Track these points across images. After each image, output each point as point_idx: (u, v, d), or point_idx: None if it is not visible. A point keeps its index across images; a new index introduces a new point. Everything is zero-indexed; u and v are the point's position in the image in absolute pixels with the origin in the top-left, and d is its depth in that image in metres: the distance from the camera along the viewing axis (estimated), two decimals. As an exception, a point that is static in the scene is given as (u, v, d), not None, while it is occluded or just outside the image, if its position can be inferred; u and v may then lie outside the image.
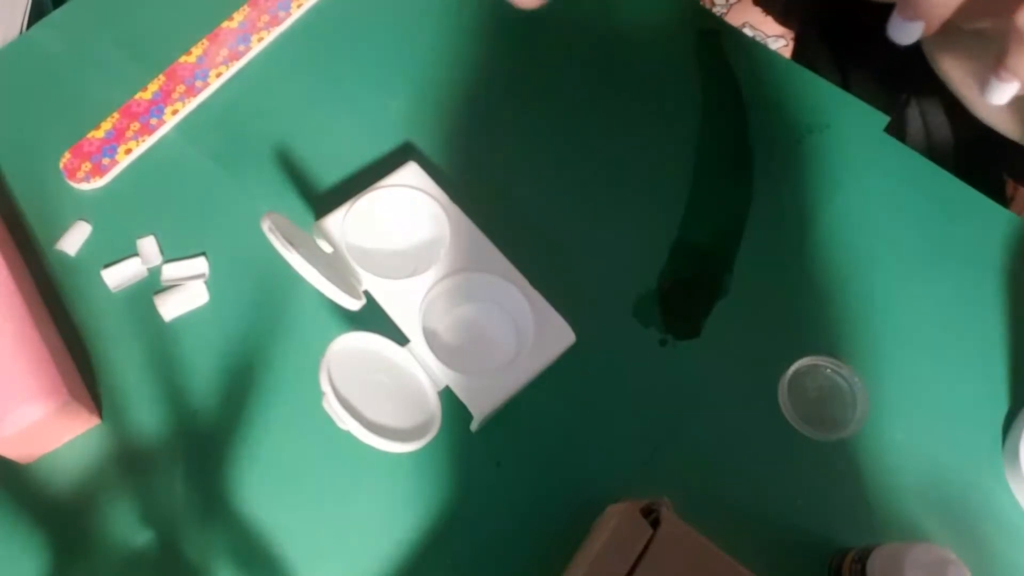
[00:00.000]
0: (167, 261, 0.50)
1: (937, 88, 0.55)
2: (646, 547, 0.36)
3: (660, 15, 0.60)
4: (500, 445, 0.47)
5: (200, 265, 0.50)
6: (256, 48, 0.57)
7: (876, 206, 0.54)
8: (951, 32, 0.42)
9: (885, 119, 0.57)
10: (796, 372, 0.49)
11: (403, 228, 0.49)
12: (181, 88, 0.55)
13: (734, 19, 0.68)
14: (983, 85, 0.40)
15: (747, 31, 0.67)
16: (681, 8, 0.61)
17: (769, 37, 0.68)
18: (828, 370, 0.49)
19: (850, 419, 0.48)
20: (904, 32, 0.42)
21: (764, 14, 0.68)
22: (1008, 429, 0.48)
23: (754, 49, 0.60)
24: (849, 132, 0.56)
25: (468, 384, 0.44)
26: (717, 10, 0.69)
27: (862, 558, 0.42)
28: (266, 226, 0.42)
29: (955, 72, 0.53)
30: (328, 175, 0.53)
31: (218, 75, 0.56)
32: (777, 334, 0.50)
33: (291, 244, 0.41)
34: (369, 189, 0.49)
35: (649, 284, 0.51)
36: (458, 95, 0.57)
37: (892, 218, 0.54)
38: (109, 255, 0.51)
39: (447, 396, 0.44)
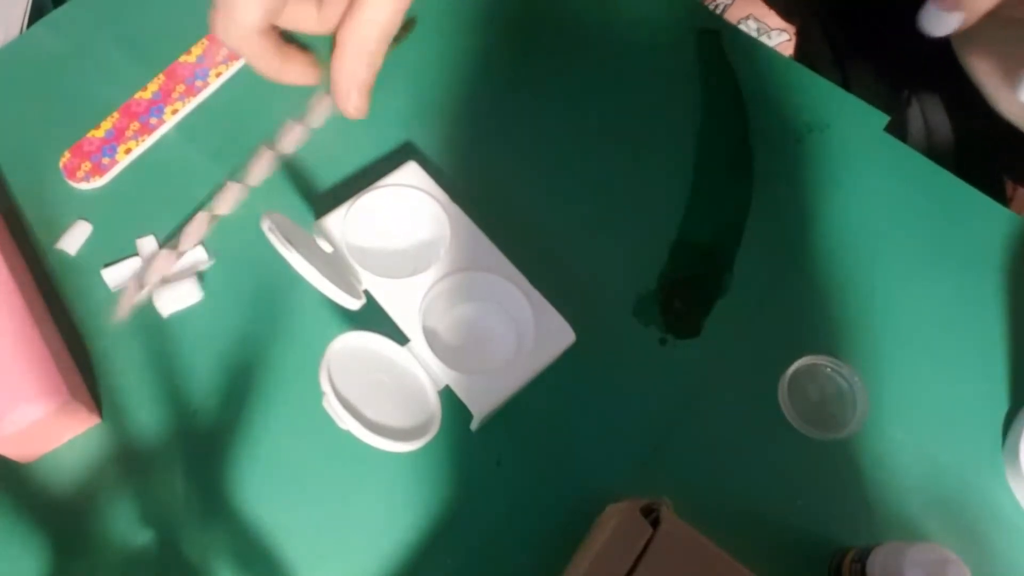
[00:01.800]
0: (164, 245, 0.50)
1: (938, 87, 0.55)
2: (646, 546, 0.36)
3: (660, 14, 0.60)
4: (500, 444, 0.47)
5: (199, 254, 0.50)
6: (256, 47, 0.57)
7: (876, 206, 0.54)
8: (982, 23, 0.41)
9: (885, 118, 0.57)
10: (796, 371, 0.49)
11: (403, 227, 0.49)
12: (181, 88, 0.55)
13: (738, 11, 0.68)
14: (1014, 80, 0.38)
15: (751, 23, 0.67)
16: (681, 7, 0.61)
17: (773, 30, 0.68)
18: (828, 369, 0.49)
19: (850, 418, 0.48)
20: (940, 23, 0.40)
21: (767, 8, 0.68)
22: (1008, 429, 0.48)
23: (754, 48, 0.60)
24: (849, 131, 0.56)
25: (468, 383, 0.44)
26: (720, 1, 0.69)
27: (862, 557, 0.42)
28: (266, 226, 0.42)
29: (982, 65, 0.51)
30: (328, 174, 0.53)
31: (218, 75, 0.56)
32: (777, 333, 0.50)
33: (291, 243, 0.41)
34: (369, 188, 0.49)
35: (649, 283, 0.51)
36: (458, 95, 0.57)
37: (892, 218, 0.54)
38: (109, 254, 0.51)
39: (447, 395, 0.44)
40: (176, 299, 0.49)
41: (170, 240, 0.49)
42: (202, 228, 0.48)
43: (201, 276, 0.50)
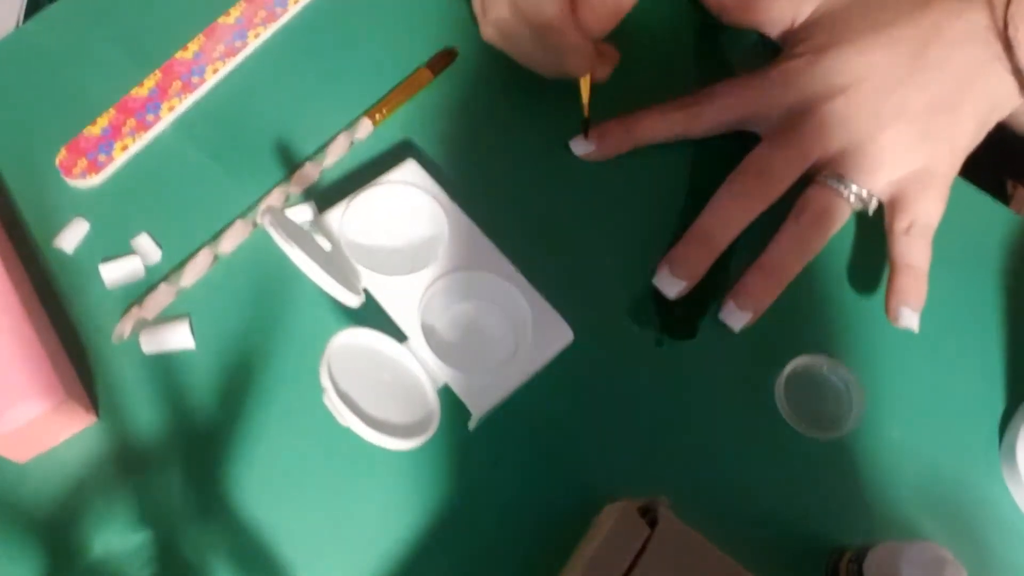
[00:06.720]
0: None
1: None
2: (644, 546, 0.36)
3: (659, 13, 0.60)
4: (497, 444, 0.47)
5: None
6: (252, 44, 0.57)
7: (874, 205, 0.54)
8: None
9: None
10: (792, 371, 0.49)
11: (402, 225, 0.49)
12: (177, 84, 0.55)
13: None
14: None
15: None
16: (681, 6, 0.61)
17: None
18: (824, 369, 0.49)
19: (846, 418, 0.48)
20: (734, 319, 0.48)
21: None
22: (1005, 428, 0.48)
23: (754, 47, 0.59)
24: (847, 130, 0.56)
25: (466, 382, 0.44)
26: None
27: (859, 557, 0.42)
28: (267, 220, 0.42)
29: None
30: (326, 172, 0.53)
31: (214, 71, 0.56)
32: (773, 333, 0.50)
33: (290, 239, 0.41)
34: (367, 186, 0.48)
35: (645, 284, 0.51)
36: (457, 93, 0.57)
37: (890, 217, 0.54)
38: (107, 252, 0.50)
39: (444, 394, 0.44)
40: (164, 342, 0.48)
41: (171, 274, 0.49)
42: (204, 265, 0.49)
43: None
